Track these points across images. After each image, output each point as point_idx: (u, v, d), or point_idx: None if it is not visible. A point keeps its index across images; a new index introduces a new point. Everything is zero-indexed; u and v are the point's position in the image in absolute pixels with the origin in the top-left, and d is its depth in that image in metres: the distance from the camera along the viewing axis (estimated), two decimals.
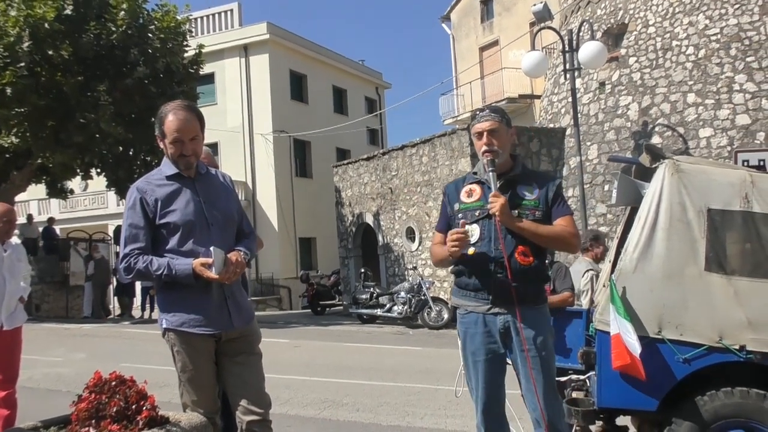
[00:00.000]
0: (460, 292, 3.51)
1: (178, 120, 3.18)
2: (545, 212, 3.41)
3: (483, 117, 3.46)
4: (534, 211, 3.39)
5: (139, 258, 3.12)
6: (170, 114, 3.19)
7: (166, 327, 3.20)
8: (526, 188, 3.44)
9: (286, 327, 16.66)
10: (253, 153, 27.96)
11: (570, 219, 3.44)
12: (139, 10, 16.70)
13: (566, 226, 3.40)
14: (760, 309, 3.78)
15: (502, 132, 3.44)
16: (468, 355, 3.47)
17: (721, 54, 14.35)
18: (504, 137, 3.44)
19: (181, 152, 3.21)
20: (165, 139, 3.22)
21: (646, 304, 3.91)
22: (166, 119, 3.19)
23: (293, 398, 7.52)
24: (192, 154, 3.25)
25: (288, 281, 26.86)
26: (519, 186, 3.45)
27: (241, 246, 3.32)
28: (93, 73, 15.97)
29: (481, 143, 3.44)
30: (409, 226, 18.80)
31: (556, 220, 3.41)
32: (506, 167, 3.47)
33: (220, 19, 29.84)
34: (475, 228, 3.39)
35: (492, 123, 3.42)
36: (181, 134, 3.18)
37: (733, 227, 3.93)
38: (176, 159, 3.23)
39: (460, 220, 3.42)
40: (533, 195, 3.42)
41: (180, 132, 3.18)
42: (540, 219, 3.38)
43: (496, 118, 3.44)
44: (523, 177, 3.49)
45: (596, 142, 15.85)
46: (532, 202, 3.40)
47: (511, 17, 26.08)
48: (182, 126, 3.18)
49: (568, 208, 3.49)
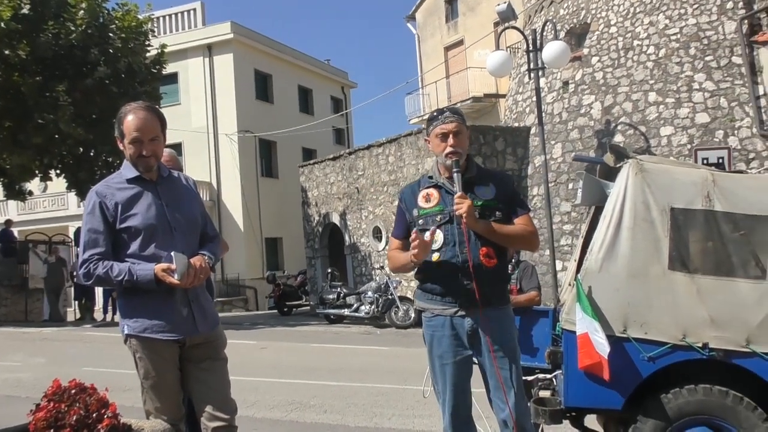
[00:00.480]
0: (425, 295, 3.48)
1: (138, 119, 3.12)
2: (505, 212, 3.41)
3: (447, 118, 3.42)
4: (494, 211, 3.38)
5: (99, 263, 3.04)
6: (130, 114, 3.14)
7: (128, 333, 3.13)
8: (484, 188, 3.42)
9: (253, 328, 16.53)
10: (218, 153, 27.71)
11: (528, 217, 3.47)
12: (99, 9, 16.43)
13: (526, 225, 3.42)
14: (722, 307, 3.83)
15: (464, 133, 3.44)
16: (435, 358, 3.45)
17: (680, 53, 14.58)
18: (465, 139, 3.45)
19: (140, 153, 3.14)
20: (124, 139, 3.15)
21: (611, 303, 3.94)
22: (125, 119, 3.13)
23: (260, 401, 7.45)
24: (152, 155, 3.18)
25: (254, 282, 26.67)
26: (477, 187, 3.42)
27: (205, 250, 3.26)
28: (52, 73, 15.66)
29: (445, 145, 3.40)
30: (376, 225, 18.79)
31: (516, 219, 3.42)
32: (463, 168, 3.43)
33: (183, 19, 29.51)
34: (438, 233, 3.37)
35: (457, 125, 3.41)
36: (140, 134, 3.12)
37: (696, 226, 3.97)
38: (135, 160, 3.16)
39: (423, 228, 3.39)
40: (491, 195, 3.41)
41: (139, 131, 3.12)
42: (500, 219, 3.38)
43: (460, 120, 3.43)
44: (480, 177, 3.48)
45: (560, 140, 15.99)
46: (491, 203, 3.39)
47: (476, 17, 26.21)
48: (141, 125, 3.12)
49: (525, 206, 3.52)
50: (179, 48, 26.19)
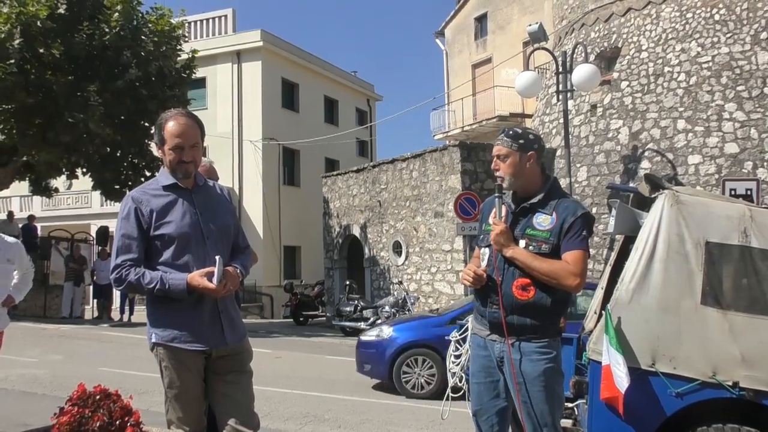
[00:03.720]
0: (473, 313, 3.57)
1: (180, 125, 3.13)
2: (555, 245, 3.22)
3: (497, 140, 3.39)
4: (542, 243, 3.23)
5: (131, 270, 3.03)
6: (171, 120, 3.14)
7: (155, 342, 3.11)
8: (543, 216, 3.28)
9: (268, 336, 16.52)
10: (242, 159, 27.83)
11: (577, 255, 3.20)
12: (134, 12, 16.59)
13: (569, 263, 3.17)
14: (754, 345, 3.76)
15: (513, 158, 3.31)
16: (471, 375, 3.51)
17: (711, 82, 14.46)
18: (515, 163, 3.31)
19: (181, 158, 3.14)
20: (165, 145, 3.15)
21: (640, 335, 3.88)
22: (167, 125, 3.13)
23: (273, 411, 7.42)
24: (192, 161, 3.18)
25: (270, 289, 26.69)
26: (538, 213, 3.29)
27: (236, 262, 3.26)
28: (84, 73, 15.82)
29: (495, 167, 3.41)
30: (396, 240, 18.74)
31: (563, 254, 3.21)
32: (530, 191, 3.33)
33: (214, 25, 29.76)
34: (486, 252, 3.37)
35: (500, 148, 3.35)
36: (182, 140, 3.13)
37: (731, 261, 3.91)
38: (175, 166, 3.16)
39: (482, 246, 3.44)
40: (548, 225, 3.25)
41: (181, 137, 3.12)
42: (547, 252, 3.22)
43: (506, 143, 3.33)
44: (544, 204, 3.30)
45: (586, 164, 15.90)
46: (543, 234, 3.24)
47: (505, 36, 26.22)
48: (183, 131, 3.13)
49: (580, 243, 3.22)
50: (209, 53, 26.39)
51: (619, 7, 16.42)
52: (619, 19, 16.39)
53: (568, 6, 18.22)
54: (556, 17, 19.31)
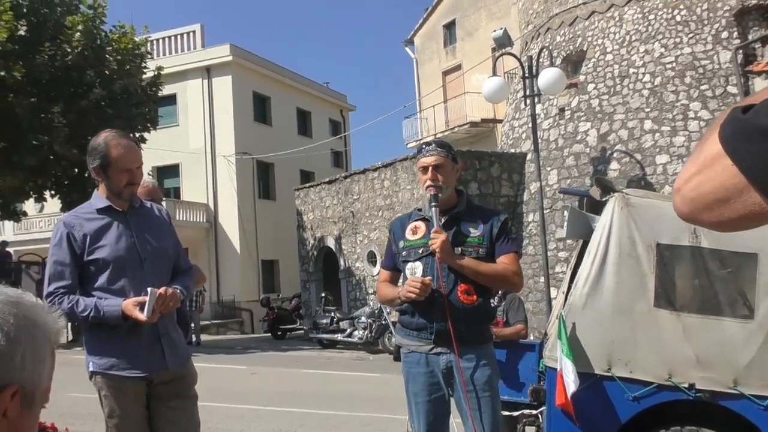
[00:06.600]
0: (404, 331, 3.42)
1: (125, 148, 3.08)
2: (489, 249, 3.31)
3: (429, 151, 3.37)
4: (477, 249, 3.29)
5: (64, 297, 2.95)
6: (114, 143, 3.07)
7: (92, 370, 3.03)
8: (471, 224, 3.35)
9: (244, 353, 16.37)
10: (216, 175, 27.66)
11: (513, 257, 3.34)
12: (96, 31, 16.44)
13: (508, 264, 3.29)
14: (708, 346, 3.74)
15: (448, 167, 3.35)
16: (411, 395, 3.37)
17: (676, 82, 14.59)
18: (449, 173, 3.36)
19: (129, 181, 3.09)
20: (109, 169, 3.07)
21: (596, 340, 3.85)
22: (112, 148, 3.06)
23: (246, 429, 7.31)
24: (137, 183, 3.15)
25: (250, 304, 26.48)
26: (463, 222, 3.36)
27: (177, 283, 3.17)
28: (47, 94, 15.64)
29: (425, 177, 3.35)
30: (371, 250, 18.68)
31: (499, 257, 3.31)
32: (451, 203, 3.39)
33: (183, 41, 29.59)
34: (418, 266, 3.32)
35: (437, 158, 3.33)
36: (130, 162, 3.09)
37: (682, 262, 3.90)
38: (122, 189, 3.10)
39: (406, 260, 3.37)
40: (477, 231, 3.33)
41: (129, 160, 3.09)
42: (483, 256, 3.29)
43: (442, 153, 3.35)
44: (468, 213, 3.40)
45: (556, 167, 15.96)
46: (476, 239, 3.31)
47: (474, 42, 26.31)
48: (130, 153, 3.10)
49: (512, 245, 3.38)
50: (178, 70, 26.24)
51: (583, 11, 16.54)
52: (584, 22, 16.51)
53: (533, 11, 18.33)
54: (522, 22, 19.41)
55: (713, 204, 0.88)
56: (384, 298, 3.59)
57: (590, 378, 3.77)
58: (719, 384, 3.69)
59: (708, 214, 0.90)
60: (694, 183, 0.90)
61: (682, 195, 0.92)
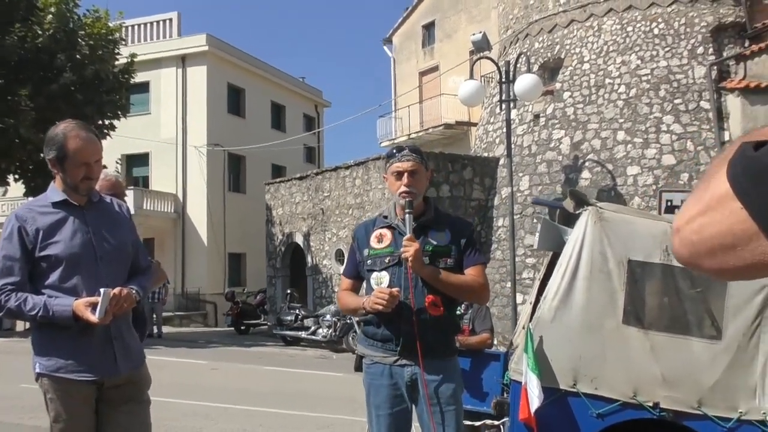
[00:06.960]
0: (367, 341, 3.30)
1: (84, 141, 2.93)
2: (457, 259, 3.23)
3: (405, 156, 3.24)
4: (446, 259, 3.20)
5: (11, 295, 2.79)
6: (72, 134, 2.93)
7: (39, 372, 2.88)
8: (438, 234, 3.25)
9: (206, 347, 16.15)
10: (186, 165, 27.32)
11: (481, 269, 3.27)
12: (69, 14, 16.10)
13: (477, 276, 3.22)
14: (674, 365, 3.70)
15: (422, 174, 3.25)
16: (372, 407, 3.26)
17: (650, 94, 14.69)
18: (422, 179, 3.26)
19: (87, 175, 2.95)
20: (66, 161, 2.93)
21: (563, 354, 3.80)
22: (70, 140, 2.91)
23: (203, 428, 7.16)
24: (96, 177, 3.02)
25: (215, 296, 26.23)
26: (431, 231, 3.25)
27: (133, 283, 3.03)
28: (15, 76, 15.28)
29: (399, 183, 3.22)
30: (339, 248, 18.56)
31: (467, 269, 3.23)
32: (419, 210, 3.28)
33: (159, 28, 29.18)
34: (384, 276, 3.21)
35: (414, 164, 3.22)
36: (89, 156, 2.95)
37: (653, 280, 3.86)
38: (79, 183, 2.95)
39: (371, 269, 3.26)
40: (445, 241, 3.23)
41: (88, 153, 2.95)
42: (452, 266, 3.20)
43: (418, 159, 3.24)
44: (436, 221, 3.30)
45: (528, 173, 15.98)
46: (443, 249, 3.21)
47: (452, 44, 26.31)
48: (89, 146, 2.96)
49: (480, 257, 3.31)
50: (153, 57, 25.87)
51: (563, 19, 16.58)
52: (563, 30, 16.55)
53: (513, 16, 18.34)
54: (501, 27, 19.42)
55: (717, 250, 0.79)
56: (346, 308, 3.45)
57: (555, 393, 3.71)
58: (683, 404, 3.66)
59: (710, 261, 0.81)
60: (696, 225, 0.81)
61: (682, 237, 0.83)
